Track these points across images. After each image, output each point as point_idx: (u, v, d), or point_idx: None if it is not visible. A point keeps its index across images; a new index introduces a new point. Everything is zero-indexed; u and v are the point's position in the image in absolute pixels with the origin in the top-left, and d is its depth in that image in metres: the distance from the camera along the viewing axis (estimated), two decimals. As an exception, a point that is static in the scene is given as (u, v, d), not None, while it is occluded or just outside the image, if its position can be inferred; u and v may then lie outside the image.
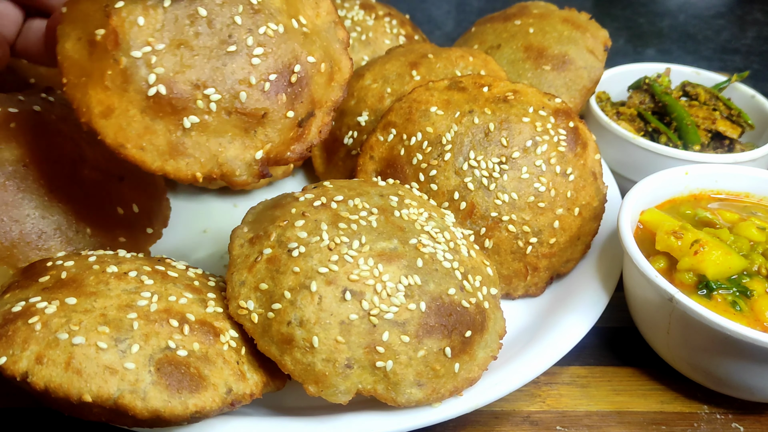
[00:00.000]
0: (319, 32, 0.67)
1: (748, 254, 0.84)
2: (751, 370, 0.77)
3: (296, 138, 0.63)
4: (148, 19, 0.60)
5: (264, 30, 0.62)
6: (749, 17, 2.13)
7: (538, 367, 0.79)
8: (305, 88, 0.64)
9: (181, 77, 0.60)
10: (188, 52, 0.60)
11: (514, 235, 0.90)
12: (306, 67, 0.64)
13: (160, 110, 0.59)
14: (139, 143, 0.60)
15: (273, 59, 0.63)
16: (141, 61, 0.59)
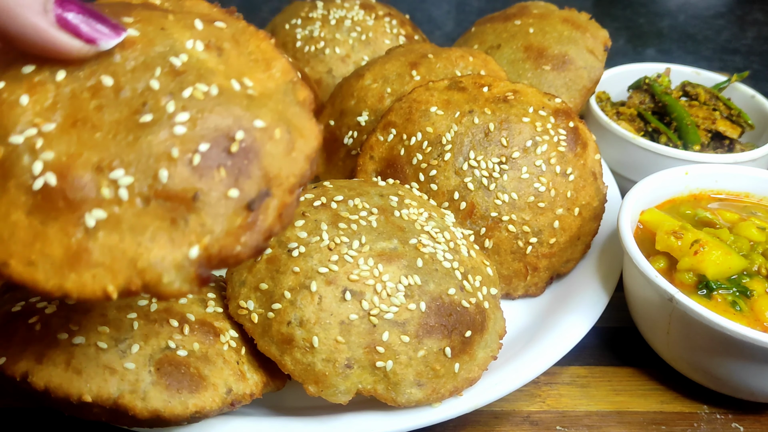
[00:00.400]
0: (270, 95, 0.51)
1: (748, 254, 0.84)
2: (751, 370, 0.77)
3: (246, 226, 0.45)
4: (34, 96, 0.46)
5: (190, 92, 0.47)
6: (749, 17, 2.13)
7: (538, 367, 0.78)
8: (253, 160, 0.46)
9: (77, 161, 0.44)
10: (87, 129, 0.45)
11: (514, 235, 0.90)
12: (252, 133, 0.47)
13: (52, 208, 0.44)
14: (27, 257, 0.44)
15: (203, 125, 0.46)
16: (23, 146, 0.44)
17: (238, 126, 0.47)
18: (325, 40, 1.24)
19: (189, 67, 0.48)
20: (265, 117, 0.48)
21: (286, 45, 1.27)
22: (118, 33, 0.45)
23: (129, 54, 0.47)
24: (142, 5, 0.54)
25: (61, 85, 0.46)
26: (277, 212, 0.47)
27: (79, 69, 0.46)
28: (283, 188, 0.47)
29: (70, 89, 0.46)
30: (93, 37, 0.43)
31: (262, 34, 0.53)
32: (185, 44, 0.49)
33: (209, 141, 0.46)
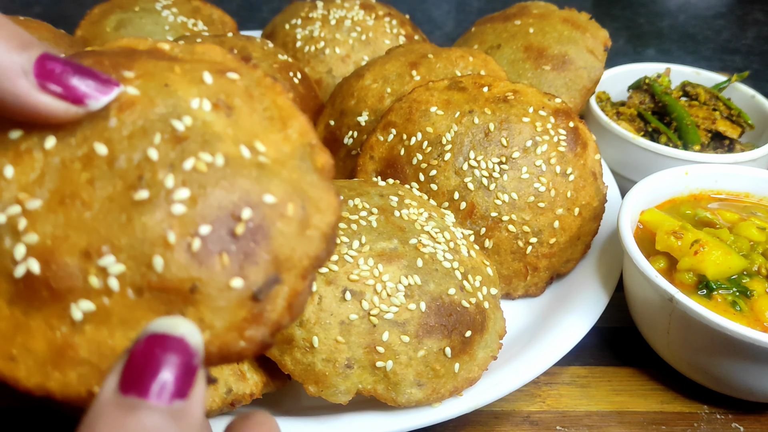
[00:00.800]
0: (284, 162, 0.44)
1: (748, 254, 0.84)
2: (751, 370, 0.77)
3: (251, 318, 0.40)
4: (19, 167, 0.40)
5: (192, 163, 0.41)
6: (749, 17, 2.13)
7: (538, 367, 0.78)
8: (261, 242, 0.40)
9: (63, 245, 0.39)
10: (76, 207, 0.39)
11: (514, 235, 0.90)
12: (261, 210, 0.41)
13: (36, 298, 0.39)
14: (8, 351, 0.40)
15: (206, 203, 0.40)
16: (5, 228, 0.40)
17: (245, 202, 0.41)
18: (325, 40, 1.24)
19: (193, 132, 0.42)
20: (276, 190, 0.42)
21: (286, 45, 1.27)
22: (109, 89, 0.39)
23: (126, 117, 0.41)
24: (147, 53, 0.47)
25: (51, 153, 0.41)
26: (287, 302, 0.40)
27: (70, 134, 0.41)
28: (294, 273, 0.41)
29: (59, 159, 0.40)
30: (80, 97, 0.37)
31: (279, 87, 0.47)
32: (190, 104, 0.43)
33: (211, 222, 0.40)
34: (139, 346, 0.34)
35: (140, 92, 0.42)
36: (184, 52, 0.48)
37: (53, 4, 2.03)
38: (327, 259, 0.43)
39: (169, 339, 0.34)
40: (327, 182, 0.45)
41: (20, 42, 0.36)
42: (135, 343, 0.34)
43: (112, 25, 1.23)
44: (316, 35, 1.25)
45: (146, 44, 0.49)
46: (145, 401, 0.31)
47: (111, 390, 0.32)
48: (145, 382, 0.32)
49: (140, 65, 0.44)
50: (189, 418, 0.32)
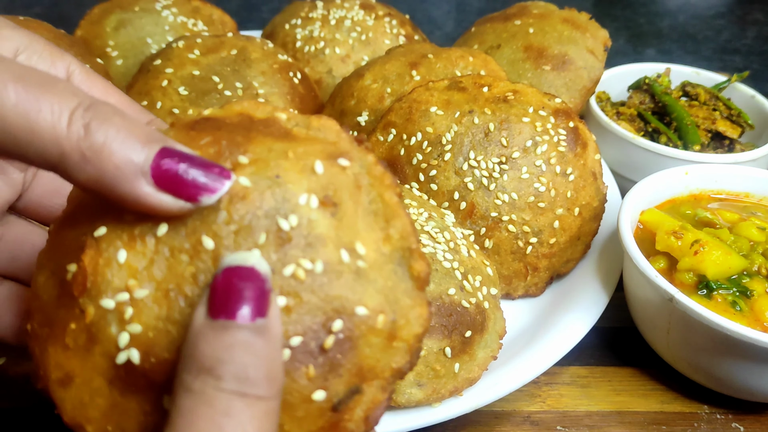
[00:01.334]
0: (381, 267, 0.44)
1: (748, 254, 0.84)
2: (752, 370, 0.77)
3: (328, 427, 0.41)
4: (131, 253, 0.42)
5: (292, 270, 0.41)
6: (749, 17, 2.13)
7: (539, 367, 0.78)
8: (348, 354, 0.41)
9: (163, 341, 0.41)
10: (179, 303, 0.41)
11: (514, 235, 0.90)
12: (353, 322, 0.41)
13: (133, 383, 0.42)
14: (103, 426, 0.43)
15: (300, 313, 0.41)
16: (112, 314, 0.41)
17: (338, 313, 0.41)
18: (325, 40, 1.24)
19: (297, 234, 0.42)
20: (370, 301, 0.42)
21: (286, 45, 1.27)
22: (222, 183, 0.40)
23: (235, 212, 0.41)
24: (264, 125, 0.47)
25: (161, 241, 0.42)
26: (365, 414, 0.41)
27: (182, 224, 0.42)
28: (375, 385, 0.42)
29: (169, 248, 0.42)
30: (193, 195, 0.39)
31: (389, 179, 0.46)
32: (299, 200, 0.43)
33: (302, 334, 0.40)
34: (218, 278, 0.38)
35: (251, 184, 0.42)
36: (300, 125, 0.48)
37: (53, 4, 2.03)
38: (409, 371, 0.44)
39: (242, 269, 0.38)
40: (421, 292, 0.44)
41: (144, 140, 0.38)
42: (215, 278, 0.38)
43: (112, 25, 1.23)
44: (316, 35, 1.25)
45: (264, 112, 0.48)
46: (233, 322, 0.36)
47: (202, 317, 0.37)
48: (230, 306, 0.37)
49: (255, 146, 0.44)
50: (270, 332, 0.37)
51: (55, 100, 0.36)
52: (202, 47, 1.08)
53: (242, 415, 0.35)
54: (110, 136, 0.37)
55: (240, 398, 0.35)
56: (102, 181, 0.38)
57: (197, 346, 0.36)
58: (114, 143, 0.37)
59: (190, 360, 0.36)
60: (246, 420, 0.35)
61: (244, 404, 0.35)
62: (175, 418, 0.36)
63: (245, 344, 0.36)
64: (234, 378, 0.35)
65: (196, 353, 0.36)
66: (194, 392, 0.35)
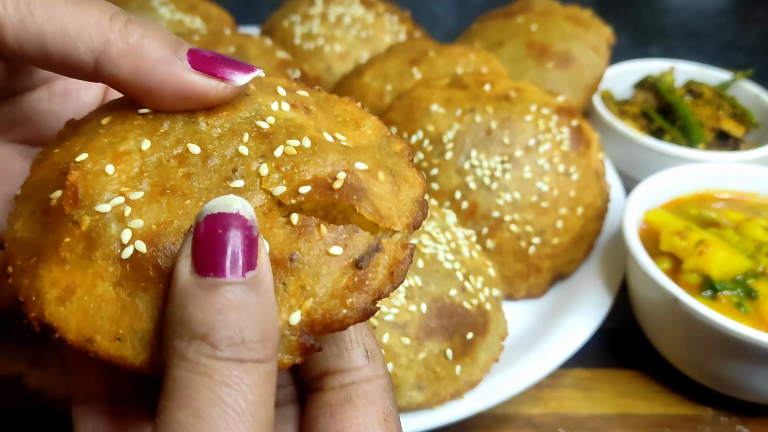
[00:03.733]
0: (366, 148, 0.46)
1: (753, 255, 0.83)
2: (756, 371, 0.76)
3: (353, 286, 0.40)
4: (120, 166, 0.43)
5: (282, 150, 0.43)
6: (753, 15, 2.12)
7: (541, 369, 0.78)
8: (362, 200, 0.41)
9: (168, 228, 0.41)
10: (177, 197, 0.42)
11: (516, 236, 0.89)
12: (355, 174, 0.42)
13: (142, 278, 0.41)
14: (115, 332, 0.41)
15: (299, 176, 0.42)
16: (110, 215, 0.41)
17: (339, 168, 0.42)
18: (324, 37, 1.23)
19: (277, 128, 0.44)
20: (366, 161, 0.44)
21: (285, 42, 1.26)
22: (252, 69, 0.43)
23: (214, 122, 0.44)
24: None
25: (147, 154, 0.43)
26: (389, 270, 0.41)
27: (164, 138, 0.44)
28: (394, 242, 0.42)
29: (156, 158, 0.43)
30: (227, 75, 0.42)
31: (347, 98, 0.50)
32: (271, 107, 0.46)
33: (307, 184, 0.41)
34: (200, 228, 0.36)
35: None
36: (254, 83, 0.50)
37: (51, 1, 2.01)
38: (422, 221, 0.44)
39: (227, 216, 0.36)
40: (409, 163, 0.47)
41: (175, 40, 0.42)
42: (195, 226, 0.36)
43: (110, 22, 1.22)
44: (315, 32, 1.23)
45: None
46: (223, 279, 0.35)
47: (187, 273, 0.35)
48: (218, 261, 0.35)
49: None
50: (263, 284, 0.36)
51: (99, 6, 0.41)
52: (200, 44, 1.08)
53: (242, 384, 0.33)
54: (148, 30, 0.41)
55: (238, 365, 0.34)
56: (141, 66, 0.40)
57: (186, 309, 0.34)
58: (153, 35, 0.41)
59: (179, 325, 0.34)
60: (246, 389, 0.33)
61: (243, 371, 0.34)
62: (172, 391, 0.34)
63: (238, 304, 0.34)
64: (229, 344, 0.34)
65: (186, 317, 0.34)
66: (189, 361, 0.34)
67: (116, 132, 0.44)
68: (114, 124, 0.45)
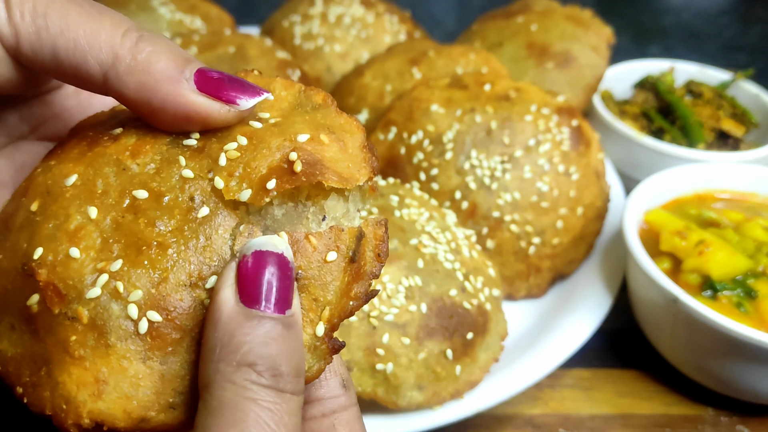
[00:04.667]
0: (291, 112, 0.46)
1: (753, 255, 0.83)
2: (756, 372, 0.76)
3: (354, 279, 0.42)
4: (81, 243, 0.41)
5: (224, 158, 0.42)
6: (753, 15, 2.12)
7: (541, 369, 0.77)
8: (325, 173, 0.42)
9: (168, 286, 0.40)
10: (156, 250, 0.40)
11: (516, 236, 0.89)
12: (303, 148, 0.42)
13: (166, 343, 0.40)
14: (165, 402, 0.40)
15: (256, 173, 0.42)
16: (105, 297, 0.40)
17: (287, 149, 0.42)
18: (324, 37, 1.23)
19: (206, 140, 0.43)
20: (303, 130, 0.44)
21: (285, 42, 1.26)
22: (259, 93, 0.43)
23: (144, 159, 0.43)
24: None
25: (99, 220, 0.41)
26: (375, 252, 0.43)
27: (105, 197, 0.42)
28: (371, 223, 0.43)
29: (110, 219, 0.41)
30: (232, 98, 0.42)
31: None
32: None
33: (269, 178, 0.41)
34: (248, 262, 0.38)
35: (137, 138, 0.44)
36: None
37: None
38: (379, 167, 0.47)
39: (274, 255, 0.38)
40: (335, 110, 0.47)
41: (183, 59, 0.42)
42: (242, 259, 0.38)
43: (110, 22, 1.22)
44: (315, 32, 1.23)
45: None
46: (268, 313, 0.37)
47: (233, 302, 0.37)
48: (263, 295, 0.37)
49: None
50: (297, 325, 0.38)
51: (113, 20, 0.41)
52: (200, 44, 1.07)
53: (282, 411, 0.36)
54: (158, 47, 0.41)
55: (278, 394, 0.36)
56: (147, 84, 0.41)
57: (234, 335, 0.36)
58: (162, 52, 0.41)
59: (227, 350, 0.36)
60: (285, 416, 0.36)
61: (282, 399, 0.36)
62: (219, 410, 0.35)
63: (279, 338, 0.37)
64: (272, 374, 0.36)
65: (234, 344, 0.36)
66: (236, 385, 0.36)
67: (55, 213, 0.42)
68: (45, 206, 0.43)
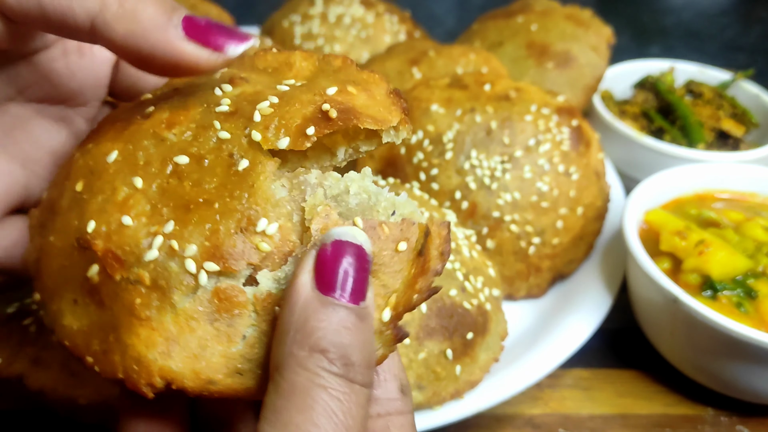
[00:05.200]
0: (314, 78, 0.47)
1: (753, 255, 0.83)
2: (756, 372, 0.76)
3: (419, 272, 0.42)
4: (132, 211, 0.41)
5: (259, 114, 0.43)
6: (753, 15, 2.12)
7: (541, 369, 0.77)
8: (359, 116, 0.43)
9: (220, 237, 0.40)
10: (203, 206, 0.40)
11: (516, 236, 0.89)
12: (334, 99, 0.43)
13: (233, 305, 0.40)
14: (233, 367, 0.40)
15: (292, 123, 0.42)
16: (162, 256, 0.40)
17: (319, 102, 0.43)
18: (324, 37, 1.23)
19: (237, 104, 0.44)
20: (330, 85, 0.44)
21: (284, 42, 1.26)
22: (245, 39, 0.43)
23: (180, 129, 0.44)
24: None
25: (146, 188, 0.42)
26: (439, 251, 0.43)
27: (148, 167, 0.43)
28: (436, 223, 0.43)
29: (156, 186, 0.42)
30: (220, 45, 0.42)
31: (255, 51, 0.49)
32: (215, 93, 0.46)
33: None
34: (327, 250, 0.38)
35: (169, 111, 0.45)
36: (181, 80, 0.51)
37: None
38: (407, 106, 0.46)
39: (353, 245, 0.38)
40: (356, 68, 0.48)
41: (171, 6, 0.42)
42: (322, 246, 0.38)
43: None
44: (315, 32, 1.23)
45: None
46: (343, 302, 0.37)
47: (310, 286, 0.37)
48: (341, 284, 0.37)
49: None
50: (370, 318, 0.38)
51: None
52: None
53: (350, 402, 0.36)
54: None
55: (348, 384, 0.36)
56: (136, 32, 0.40)
57: (308, 320, 0.36)
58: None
59: (301, 334, 0.36)
60: (353, 407, 0.36)
61: (351, 390, 0.36)
62: (290, 394, 0.35)
63: (353, 328, 0.37)
64: (344, 363, 0.36)
65: (308, 329, 0.36)
66: (308, 371, 0.35)
67: (101, 188, 0.43)
68: (91, 185, 0.43)
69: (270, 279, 0.40)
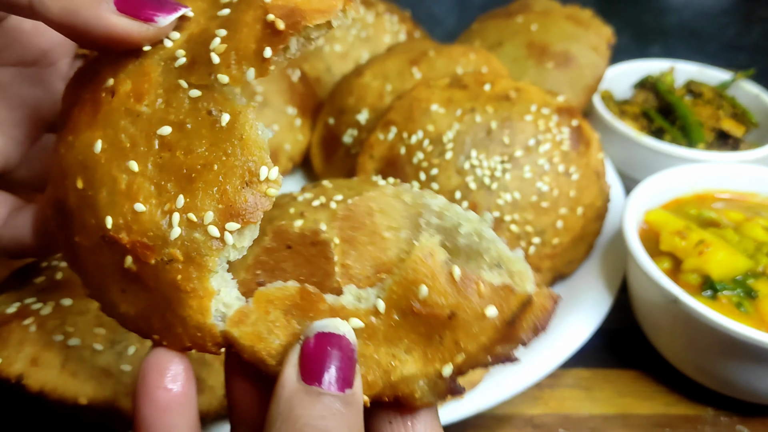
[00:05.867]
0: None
1: (753, 255, 0.83)
2: (756, 372, 0.76)
3: (501, 339, 0.41)
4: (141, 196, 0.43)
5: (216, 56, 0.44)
6: (754, 15, 2.11)
7: (541, 369, 0.77)
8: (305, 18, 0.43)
9: (230, 196, 0.42)
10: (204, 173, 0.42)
11: (516, 236, 0.89)
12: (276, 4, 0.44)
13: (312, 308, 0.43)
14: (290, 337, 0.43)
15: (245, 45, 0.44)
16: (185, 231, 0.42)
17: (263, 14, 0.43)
18: (324, 37, 1.23)
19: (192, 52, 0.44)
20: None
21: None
22: (175, 9, 0.45)
23: (150, 99, 0.44)
24: None
25: (143, 169, 0.43)
26: (534, 322, 0.42)
27: (135, 147, 0.43)
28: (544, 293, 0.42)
29: (151, 165, 0.43)
30: (150, 17, 0.44)
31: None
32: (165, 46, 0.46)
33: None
34: (310, 343, 0.40)
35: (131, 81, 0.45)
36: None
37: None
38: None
39: (335, 336, 0.40)
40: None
41: None
42: (305, 340, 0.40)
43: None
44: (315, 32, 1.23)
45: None
46: (326, 391, 0.38)
47: (294, 379, 0.39)
48: (323, 373, 0.39)
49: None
50: (357, 404, 0.39)
51: None
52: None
53: None
54: None
55: None
56: (69, 8, 0.42)
57: (293, 409, 0.38)
58: None
59: (286, 423, 0.38)
60: None
61: None
62: None
63: (337, 414, 0.38)
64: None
65: (293, 417, 0.38)
66: None
67: (102, 181, 0.43)
68: (90, 180, 0.44)
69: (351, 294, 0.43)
